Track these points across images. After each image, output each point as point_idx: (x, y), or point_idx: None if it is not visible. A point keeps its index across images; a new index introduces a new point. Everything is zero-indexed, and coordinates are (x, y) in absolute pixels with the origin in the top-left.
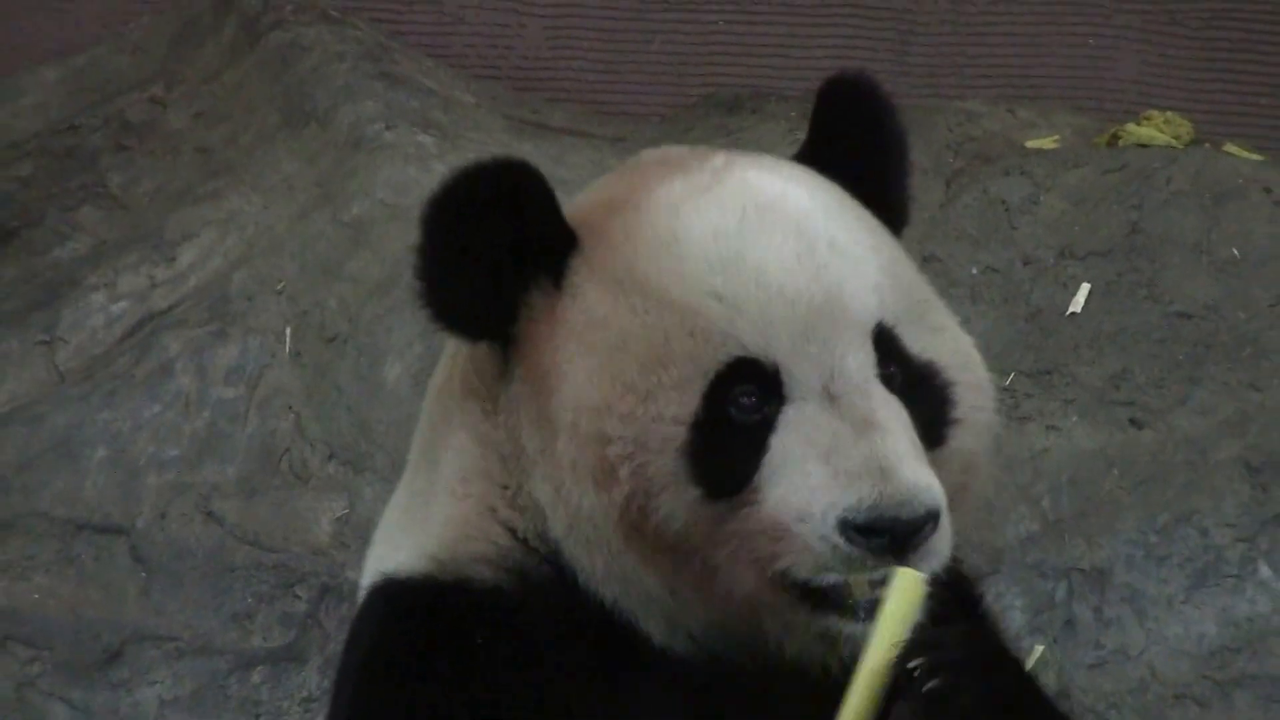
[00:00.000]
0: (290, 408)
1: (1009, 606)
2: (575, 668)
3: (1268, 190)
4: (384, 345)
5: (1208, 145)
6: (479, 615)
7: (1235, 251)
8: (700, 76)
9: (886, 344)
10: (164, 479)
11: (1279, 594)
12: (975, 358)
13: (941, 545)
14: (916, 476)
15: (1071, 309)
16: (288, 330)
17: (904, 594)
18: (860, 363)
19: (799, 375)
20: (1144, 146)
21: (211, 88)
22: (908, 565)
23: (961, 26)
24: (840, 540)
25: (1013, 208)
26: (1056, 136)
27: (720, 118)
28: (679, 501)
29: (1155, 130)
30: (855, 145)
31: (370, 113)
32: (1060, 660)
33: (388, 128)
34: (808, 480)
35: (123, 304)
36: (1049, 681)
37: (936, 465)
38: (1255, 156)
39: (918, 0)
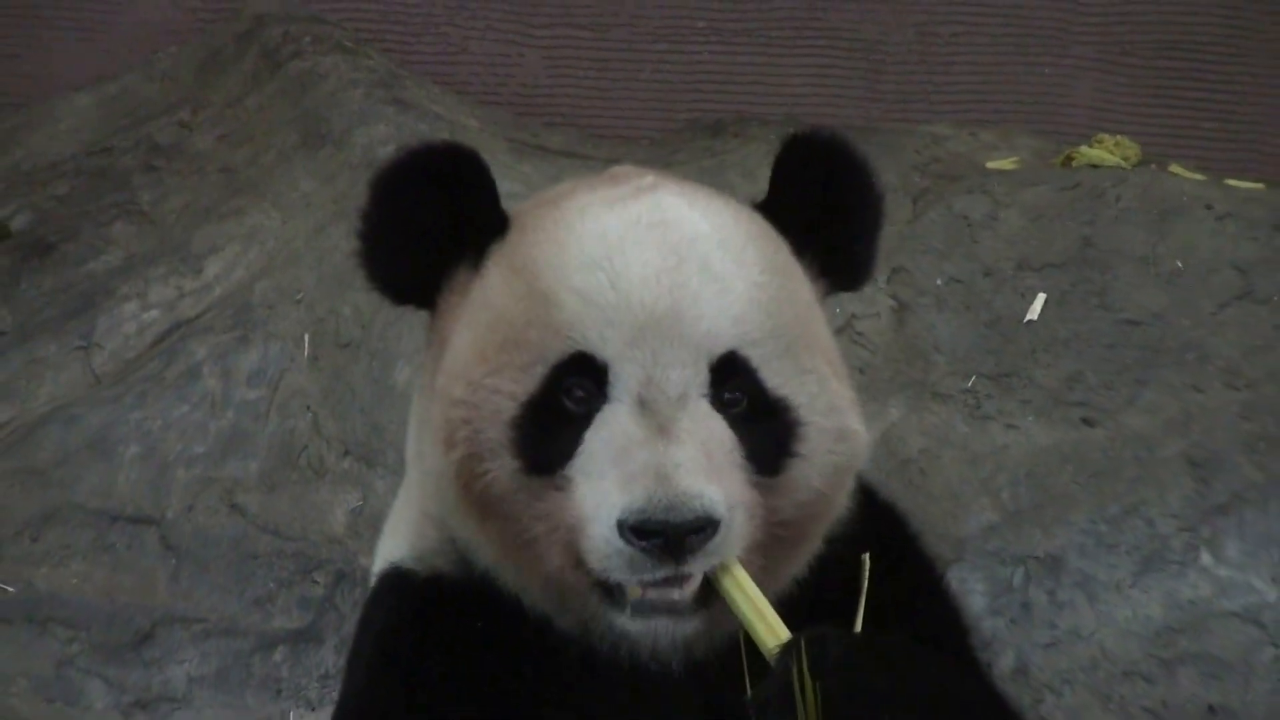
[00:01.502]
0: (308, 408)
1: (971, 590)
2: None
3: (1209, 207)
4: (394, 351)
5: (1154, 166)
6: (453, 603)
7: (1179, 264)
8: (687, 103)
9: (734, 371)
10: (192, 474)
11: (1220, 579)
12: (843, 410)
13: (722, 550)
14: (691, 483)
15: (1029, 317)
16: (306, 336)
17: (737, 583)
18: (682, 378)
19: (623, 378)
20: (1096, 167)
21: (235, 112)
22: (684, 568)
23: (928, 56)
24: (619, 541)
25: (975, 223)
26: (1015, 158)
27: (705, 140)
28: (501, 469)
29: (1106, 152)
30: (818, 202)
31: (382, 135)
32: (1018, 640)
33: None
34: (601, 479)
35: (153, 312)
36: (1007, 660)
37: (772, 493)
38: (1198, 176)
39: (887, 32)
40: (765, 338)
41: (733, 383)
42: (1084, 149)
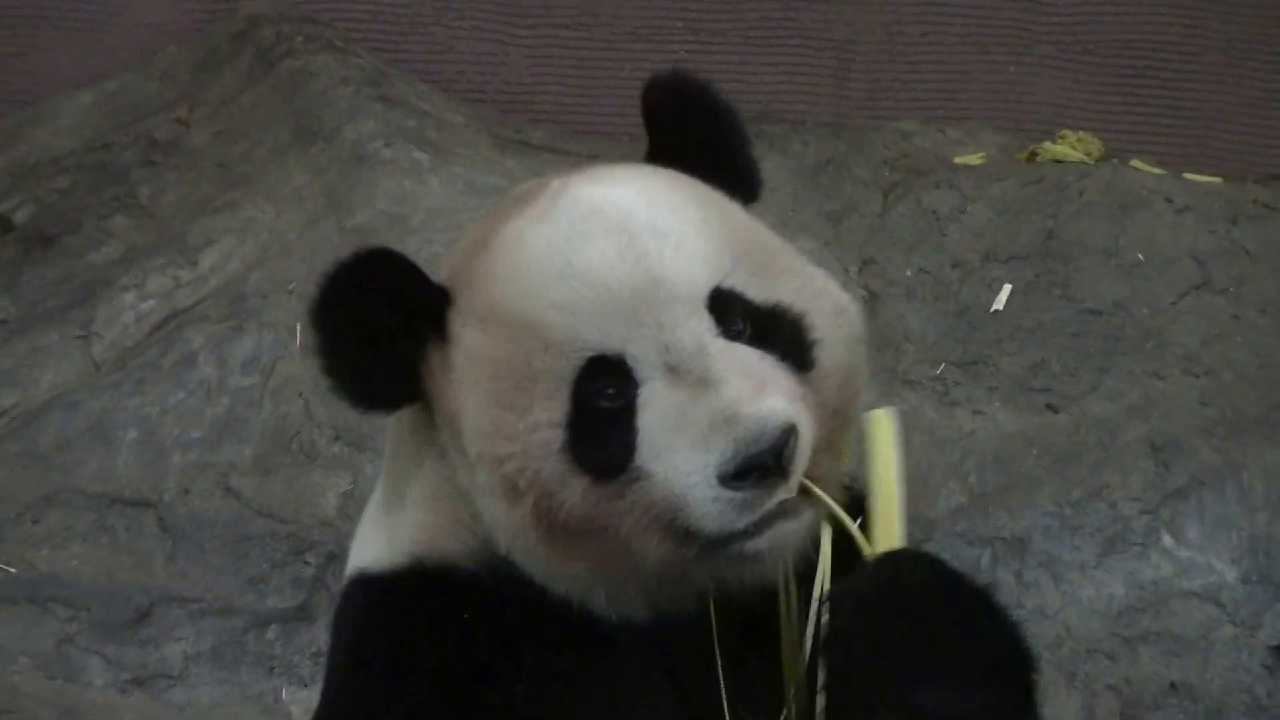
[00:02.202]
0: (300, 395)
1: None
2: (551, 641)
3: (1169, 201)
4: None
5: (1116, 161)
6: (461, 591)
7: (1140, 255)
8: None
9: (727, 304)
10: (188, 458)
11: (1180, 560)
12: (826, 286)
13: (805, 450)
14: (758, 407)
15: (995, 306)
16: (298, 325)
17: (881, 434)
18: (692, 330)
19: (641, 358)
20: (1059, 162)
21: (230, 109)
22: (790, 481)
23: (896, 55)
24: (728, 492)
25: (943, 216)
26: (982, 153)
27: None
28: (575, 492)
29: (1069, 148)
30: (690, 136)
31: (371, 131)
32: None
33: (387, 145)
34: (675, 453)
35: (151, 302)
36: None
37: (814, 387)
38: (1158, 171)
39: (857, 32)
40: (733, 263)
41: (730, 314)
42: (1048, 145)
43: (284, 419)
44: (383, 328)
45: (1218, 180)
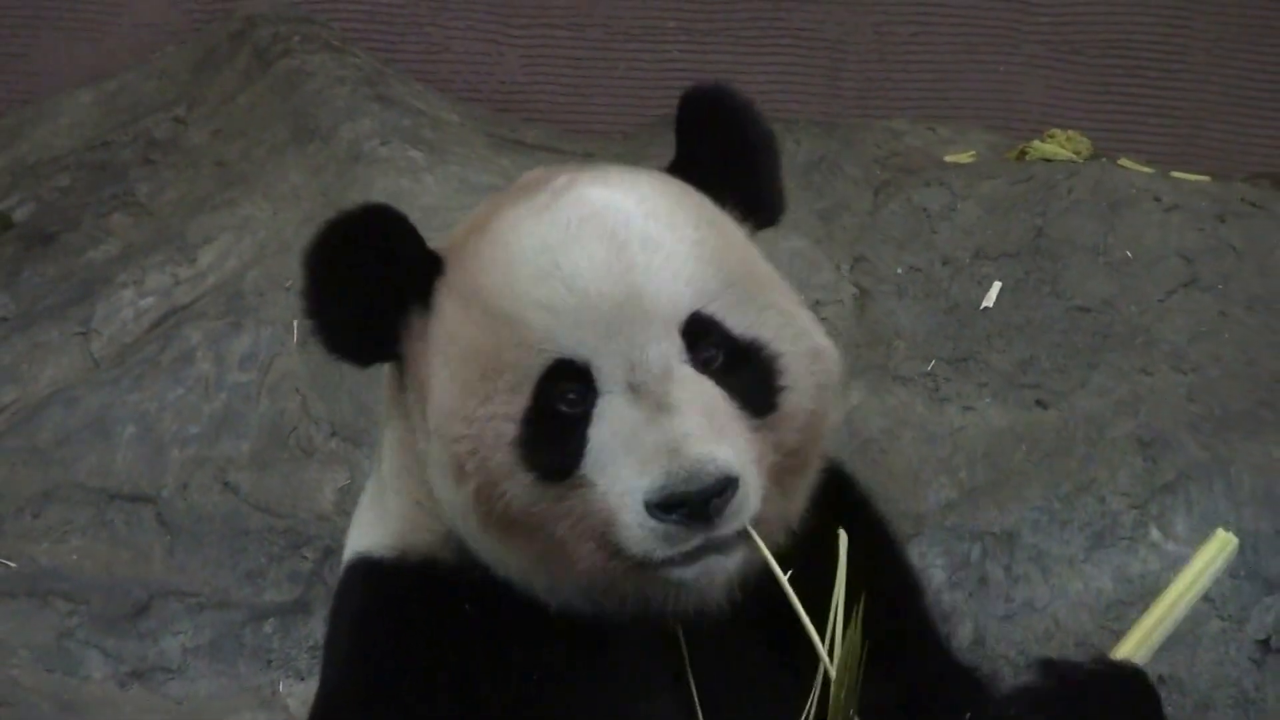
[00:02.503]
0: (297, 390)
1: (931, 565)
2: (534, 637)
3: (1157, 199)
4: None
5: (1104, 159)
6: (447, 588)
7: (1128, 253)
8: (659, 99)
9: (703, 330)
10: (186, 453)
11: (1168, 554)
12: (807, 330)
13: (745, 505)
14: (702, 449)
15: (985, 304)
16: (295, 322)
17: (1211, 554)
18: (661, 352)
19: (607, 370)
20: (1048, 161)
21: (228, 108)
22: (715, 532)
23: (887, 54)
24: (651, 521)
25: (933, 214)
26: (972, 152)
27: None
28: (518, 486)
29: (1058, 146)
30: (720, 151)
31: (367, 130)
32: (975, 612)
33: (383, 144)
34: (620, 469)
35: (150, 299)
36: (965, 632)
37: (774, 428)
38: (1146, 169)
39: (848, 32)
40: (720, 289)
41: (705, 341)
42: (1037, 143)
43: (281, 414)
44: (370, 282)
45: (1205, 178)
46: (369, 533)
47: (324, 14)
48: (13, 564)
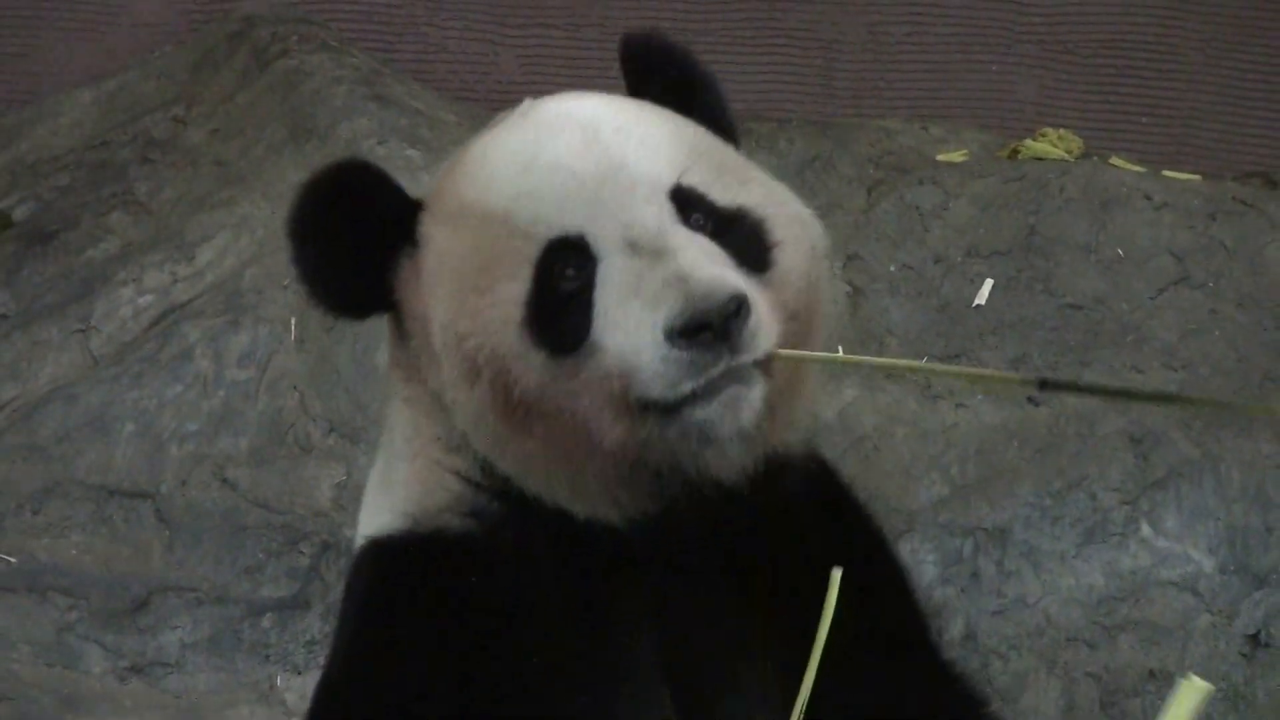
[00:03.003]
0: (295, 388)
1: (922, 561)
2: (543, 587)
3: (1148, 198)
4: (377, 333)
5: (1096, 158)
6: (454, 561)
7: (1120, 251)
8: None
9: (687, 198)
10: (185, 450)
11: (1158, 550)
12: (789, 198)
13: (762, 333)
14: (711, 273)
15: (977, 301)
16: (293, 320)
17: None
18: (653, 213)
19: (602, 237)
20: (1040, 159)
21: (226, 108)
22: (737, 355)
23: (880, 54)
24: (674, 351)
25: (926, 213)
26: (964, 151)
27: None
28: (530, 367)
29: (1050, 145)
30: (669, 88)
31: (365, 129)
32: (967, 608)
33: (380, 143)
34: (630, 318)
35: (149, 297)
36: (957, 627)
37: (773, 288)
38: (1137, 168)
39: (842, 32)
40: (698, 164)
41: (691, 209)
42: (1029, 142)
43: (279, 411)
44: (354, 234)
45: (1196, 177)
46: (377, 515)
47: (322, 14)
48: (13, 560)
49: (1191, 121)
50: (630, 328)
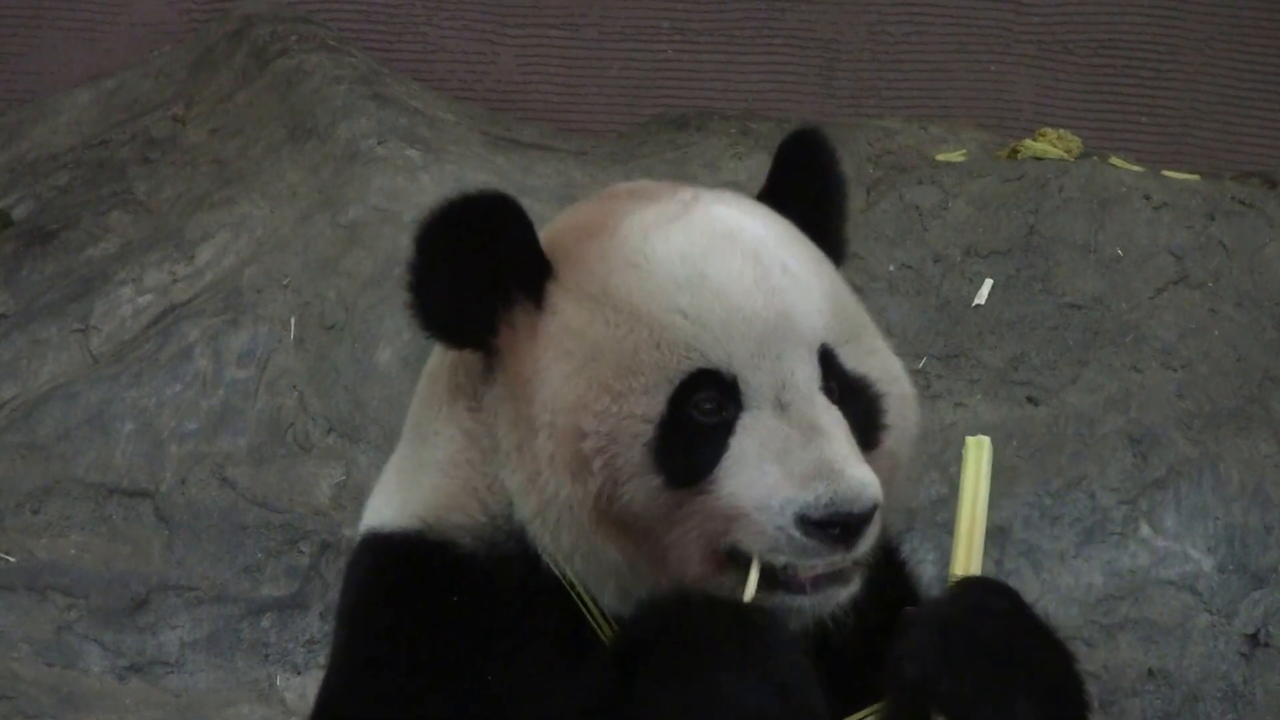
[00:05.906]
0: (294, 387)
1: (922, 560)
2: (532, 628)
3: (1147, 197)
4: (376, 332)
5: (1095, 158)
6: (457, 571)
7: (1119, 251)
8: (652, 98)
9: (827, 361)
10: (184, 449)
11: (1157, 549)
12: (902, 375)
13: (873, 535)
14: (863, 475)
15: (976, 301)
16: (292, 319)
17: (976, 461)
18: (807, 376)
19: (755, 385)
20: (1039, 159)
21: (226, 107)
22: (853, 552)
23: (880, 54)
24: (797, 532)
25: (925, 212)
26: (963, 150)
27: (669, 134)
28: (643, 488)
29: (1049, 145)
30: (807, 190)
31: (364, 129)
32: None
33: (379, 142)
34: (764, 477)
35: (148, 296)
36: None
37: (870, 463)
38: (1136, 168)
39: (841, 32)
40: (838, 324)
41: (829, 373)
42: (1028, 142)
43: (278, 411)
44: (481, 268)
45: (1195, 177)
46: (387, 508)
47: (321, 14)
48: (12, 558)
49: (1190, 121)
50: (761, 489)
